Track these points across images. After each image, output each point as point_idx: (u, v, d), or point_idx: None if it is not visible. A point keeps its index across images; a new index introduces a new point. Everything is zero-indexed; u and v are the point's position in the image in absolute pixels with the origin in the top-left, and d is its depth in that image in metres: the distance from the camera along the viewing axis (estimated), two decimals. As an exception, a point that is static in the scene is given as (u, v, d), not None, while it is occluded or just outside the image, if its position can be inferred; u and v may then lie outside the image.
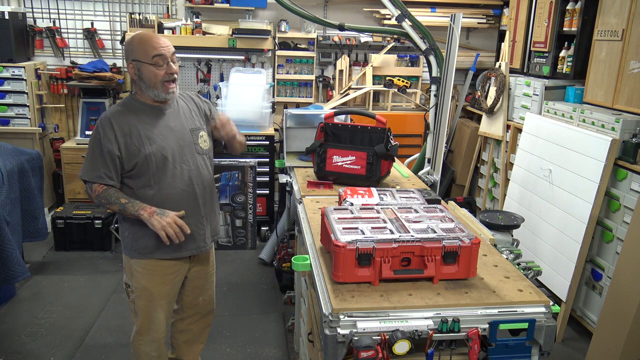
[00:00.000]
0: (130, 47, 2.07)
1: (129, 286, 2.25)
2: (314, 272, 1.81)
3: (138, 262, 2.18)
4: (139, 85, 2.10)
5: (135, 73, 2.07)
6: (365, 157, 2.63)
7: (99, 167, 2.05)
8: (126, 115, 2.09)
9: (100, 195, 2.05)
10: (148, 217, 2.01)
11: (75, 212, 4.18)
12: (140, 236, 2.13)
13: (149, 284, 2.20)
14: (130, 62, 2.06)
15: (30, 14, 4.76)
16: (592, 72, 3.46)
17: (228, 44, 4.60)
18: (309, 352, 2.26)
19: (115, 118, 2.06)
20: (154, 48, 2.03)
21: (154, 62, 2.03)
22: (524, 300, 1.59)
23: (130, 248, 2.18)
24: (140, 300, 2.22)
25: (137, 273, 2.19)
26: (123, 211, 2.05)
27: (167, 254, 2.17)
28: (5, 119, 4.53)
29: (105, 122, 2.05)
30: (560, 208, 3.35)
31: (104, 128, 2.04)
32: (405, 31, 3.84)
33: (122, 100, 2.17)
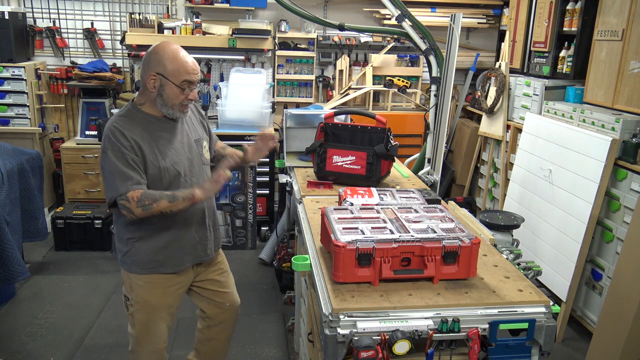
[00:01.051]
0: (158, 59, 1.92)
1: (128, 299, 2.16)
2: (314, 272, 1.81)
3: (138, 276, 2.11)
4: (154, 99, 1.98)
5: (155, 86, 1.94)
6: (365, 157, 2.64)
7: (131, 176, 1.90)
8: (134, 127, 1.95)
9: (142, 198, 1.88)
10: (200, 190, 1.94)
11: (75, 212, 4.18)
12: (141, 251, 2.06)
13: (151, 298, 2.12)
14: (152, 74, 1.92)
15: (30, 14, 4.76)
16: (592, 72, 3.46)
17: (228, 44, 4.60)
18: (309, 352, 2.26)
19: (125, 129, 1.93)
20: (187, 73, 1.94)
21: (181, 85, 1.94)
22: (524, 300, 1.59)
23: (131, 263, 2.09)
24: (140, 313, 2.14)
25: (138, 287, 2.11)
26: (172, 201, 1.91)
27: (168, 268, 2.11)
28: (5, 119, 4.53)
29: (117, 133, 1.91)
30: (560, 208, 3.35)
31: (118, 139, 1.90)
32: (405, 31, 3.84)
33: (124, 111, 2.01)
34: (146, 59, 1.95)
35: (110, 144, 1.90)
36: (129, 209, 1.89)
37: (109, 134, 1.91)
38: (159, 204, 1.90)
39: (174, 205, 1.92)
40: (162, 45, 1.95)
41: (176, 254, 2.11)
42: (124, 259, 2.11)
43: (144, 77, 1.95)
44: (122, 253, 2.11)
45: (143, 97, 2.02)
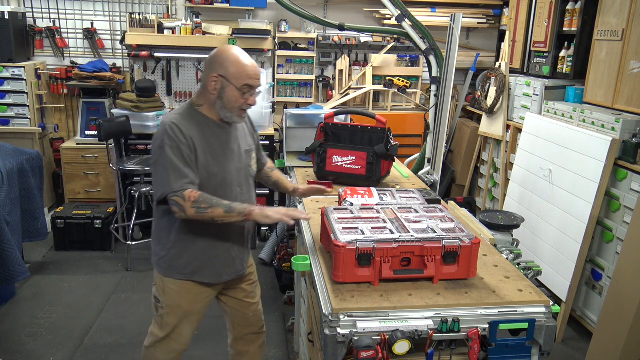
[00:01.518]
0: (221, 61, 1.90)
1: (159, 301, 2.13)
2: (314, 272, 1.81)
3: (172, 280, 2.07)
4: (213, 101, 1.94)
5: (216, 88, 1.91)
6: (365, 157, 2.64)
7: (186, 174, 1.86)
8: (192, 127, 1.92)
9: (199, 200, 1.82)
10: (260, 211, 1.86)
11: (75, 212, 4.18)
12: (180, 256, 2.03)
13: (183, 303, 2.10)
14: (214, 75, 1.90)
15: (30, 14, 4.76)
16: (592, 72, 3.46)
17: (228, 44, 4.60)
18: (309, 352, 2.26)
19: (184, 127, 1.89)
20: (250, 77, 1.91)
21: (242, 89, 1.91)
22: (524, 300, 1.59)
23: (167, 267, 2.06)
24: (170, 317, 2.11)
25: (171, 291, 2.08)
26: (229, 212, 1.85)
27: (206, 278, 2.08)
28: (5, 119, 4.53)
29: (176, 129, 1.87)
30: (560, 208, 3.35)
31: (176, 134, 1.86)
32: (405, 31, 3.84)
33: (182, 110, 1.97)
34: (209, 61, 1.93)
35: (169, 139, 1.86)
36: (182, 207, 1.84)
37: (167, 129, 1.87)
38: (214, 211, 1.84)
39: (228, 216, 1.86)
40: (226, 48, 1.94)
41: (214, 266, 2.08)
42: (161, 262, 2.07)
43: (205, 78, 1.93)
44: (159, 256, 2.07)
45: (202, 99, 1.98)
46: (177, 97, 4.96)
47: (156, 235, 2.09)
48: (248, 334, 2.36)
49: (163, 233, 2.05)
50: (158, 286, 2.12)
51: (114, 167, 4.10)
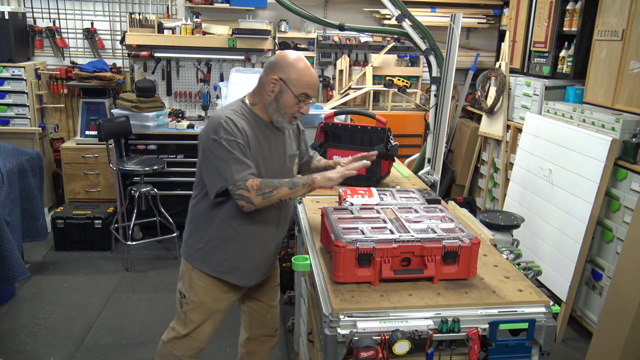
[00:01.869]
0: (285, 65, 1.90)
1: (184, 296, 2.11)
2: (314, 272, 1.81)
3: (202, 275, 2.05)
4: (268, 102, 1.93)
5: (273, 90, 1.91)
6: (365, 157, 2.63)
7: (249, 165, 1.86)
8: (245, 123, 1.91)
9: (261, 186, 1.82)
10: (322, 176, 1.88)
11: (75, 212, 4.18)
12: (216, 252, 2.02)
13: (208, 300, 2.09)
14: (275, 77, 1.89)
15: (30, 14, 4.76)
16: (592, 72, 3.46)
17: (228, 44, 4.60)
18: (309, 352, 2.26)
19: (238, 122, 1.88)
20: (309, 87, 1.91)
21: (299, 97, 1.91)
22: (524, 300, 1.59)
23: (201, 260, 2.04)
24: (194, 313, 2.10)
25: (197, 287, 2.07)
26: (293, 187, 1.86)
27: (237, 279, 2.07)
28: (5, 119, 4.53)
29: (230, 123, 1.86)
30: (560, 208, 3.35)
31: (232, 128, 1.85)
32: (405, 31, 3.84)
33: (236, 107, 1.96)
34: (271, 62, 1.93)
35: (225, 133, 1.84)
36: (247, 198, 1.82)
37: (222, 123, 1.85)
38: (279, 191, 1.84)
39: (294, 192, 1.87)
40: (291, 52, 1.94)
41: (247, 268, 2.07)
42: (195, 254, 2.05)
43: (264, 79, 1.93)
44: (194, 248, 2.05)
45: (257, 98, 1.97)
46: (177, 97, 4.96)
47: (193, 226, 2.06)
48: (262, 336, 2.36)
49: (201, 224, 2.02)
50: (185, 281, 2.10)
51: (114, 167, 4.10)
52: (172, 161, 4.40)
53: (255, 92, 1.99)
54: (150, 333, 3.17)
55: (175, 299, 2.20)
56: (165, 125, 4.48)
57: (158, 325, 3.26)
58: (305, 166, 2.29)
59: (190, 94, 4.97)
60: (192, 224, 2.07)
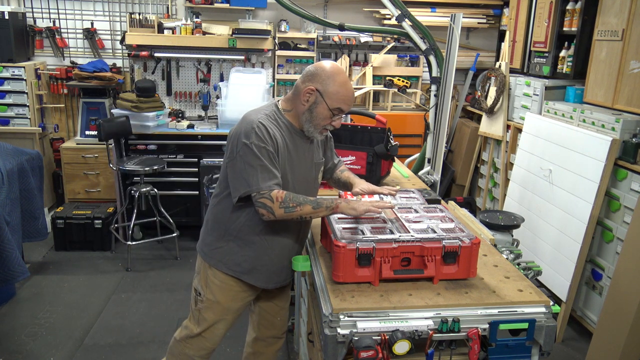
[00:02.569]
0: (324, 77, 1.87)
1: (199, 294, 2.09)
2: (314, 272, 1.81)
3: (219, 274, 2.04)
4: (302, 111, 1.91)
5: (308, 100, 1.88)
6: (365, 157, 2.64)
7: (275, 174, 1.84)
8: (276, 130, 1.89)
9: (285, 199, 1.81)
10: (346, 204, 1.82)
11: (75, 212, 4.18)
12: (236, 252, 2.00)
13: (223, 299, 2.07)
14: (311, 88, 1.86)
15: (30, 14, 4.75)
16: (592, 72, 3.46)
17: (228, 44, 4.60)
18: (309, 352, 2.26)
19: (270, 128, 1.86)
20: (345, 102, 1.89)
21: (333, 110, 1.89)
22: (524, 300, 1.59)
23: (218, 259, 2.02)
24: (209, 312, 2.09)
25: (213, 285, 2.05)
26: (317, 208, 1.83)
27: (255, 281, 2.05)
28: (5, 119, 4.53)
29: (263, 128, 1.84)
30: (560, 208, 3.35)
31: (263, 134, 1.83)
32: (405, 31, 3.84)
33: (269, 111, 1.94)
34: (312, 71, 1.90)
35: (257, 138, 1.82)
36: (270, 208, 1.81)
37: (255, 128, 1.83)
38: (302, 209, 1.82)
39: (316, 212, 1.84)
40: (332, 65, 1.91)
41: (265, 272, 2.05)
42: (212, 253, 2.04)
43: (301, 86, 1.90)
44: (212, 246, 2.04)
45: (291, 105, 1.95)
46: (177, 97, 4.96)
47: (213, 225, 2.04)
48: (269, 337, 2.35)
49: (223, 224, 2.01)
50: (201, 278, 2.09)
51: (114, 167, 4.10)
52: (172, 161, 4.40)
53: (289, 99, 1.97)
54: (150, 333, 3.17)
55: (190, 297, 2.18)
56: (165, 125, 4.48)
57: (158, 325, 3.26)
58: (328, 172, 2.26)
59: (190, 94, 4.97)
60: (212, 222, 2.05)
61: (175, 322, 3.28)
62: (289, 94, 1.98)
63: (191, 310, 2.16)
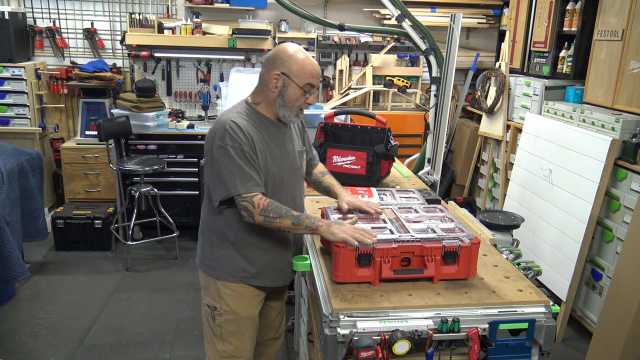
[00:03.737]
0: (285, 58, 1.85)
1: (215, 309, 2.01)
2: (314, 272, 1.81)
3: (228, 284, 1.97)
4: (273, 100, 1.88)
5: (277, 86, 1.85)
6: (365, 157, 2.64)
7: (252, 176, 1.80)
8: (251, 126, 1.85)
9: (267, 208, 1.77)
10: (327, 227, 1.74)
11: (75, 212, 4.18)
12: (238, 258, 1.95)
13: (240, 309, 2.00)
14: (277, 73, 1.84)
15: (30, 14, 4.75)
16: (592, 72, 3.46)
17: (228, 44, 4.60)
18: (309, 352, 2.26)
19: (244, 126, 1.82)
20: (312, 76, 1.87)
21: (304, 87, 1.86)
22: (524, 300, 1.59)
23: (222, 270, 1.96)
24: (230, 324, 2.01)
25: (227, 296, 1.98)
26: (297, 225, 1.79)
27: (260, 281, 2.00)
28: (5, 119, 4.53)
29: (236, 128, 1.80)
30: (560, 208, 3.35)
31: (237, 134, 1.80)
32: (405, 31, 3.84)
33: (239, 108, 1.91)
34: (270, 58, 1.88)
35: (231, 139, 1.79)
36: (250, 212, 1.79)
37: (228, 129, 1.80)
38: (282, 221, 1.79)
39: (295, 228, 1.81)
40: (288, 45, 1.89)
41: (272, 270, 2.02)
42: (214, 265, 1.97)
43: (266, 75, 1.88)
44: (212, 258, 1.97)
45: (260, 97, 1.92)
46: (177, 97, 4.96)
47: (208, 235, 1.99)
48: (268, 339, 2.33)
49: (217, 232, 1.96)
50: (212, 292, 2.01)
51: (114, 167, 4.10)
52: (172, 161, 4.40)
53: (257, 91, 1.94)
54: (150, 333, 3.17)
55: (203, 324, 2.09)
56: (165, 125, 4.49)
57: (158, 325, 3.26)
58: (307, 167, 2.22)
59: (190, 94, 4.97)
60: (208, 233, 1.99)
61: (176, 322, 3.28)
62: (255, 87, 1.94)
63: (211, 332, 2.06)
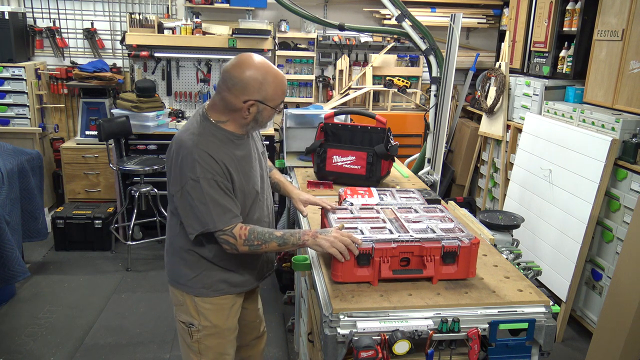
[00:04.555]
0: (256, 85, 1.71)
1: (192, 325, 1.94)
2: (314, 272, 1.81)
3: (208, 299, 1.91)
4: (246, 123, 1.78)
5: (250, 112, 1.74)
6: (365, 157, 2.64)
7: (229, 208, 1.72)
8: (219, 148, 1.74)
9: (249, 237, 1.72)
10: (313, 240, 1.70)
11: (75, 212, 4.18)
12: (214, 274, 1.89)
13: (220, 321, 1.95)
14: (252, 101, 1.72)
15: (30, 14, 4.76)
16: (592, 72, 3.46)
17: (228, 44, 4.60)
18: (309, 352, 2.26)
19: (212, 152, 1.71)
20: (284, 94, 1.79)
21: (277, 107, 1.79)
22: (524, 300, 1.59)
23: (200, 287, 1.89)
24: (210, 339, 1.96)
25: (206, 311, 1.92)
26: (283, 245, 1.74)
27: (238, 288, 1.96)
28: (5, 119, 4.53)
29: (206, 157, 1.69)
30: (560, 208, 3.35)
31: (209, 164, 1.69)
32: (405, 31, 3.84)
33: (202, 129, 1.76)
34: (239, 84, 1.71)
35: (202, 171, 1.68)
36: (233, 245, 1.73)
37: (197, 159, 1.68)
38: (267, 246, 1.74)
39: (282, 248, 1.77)
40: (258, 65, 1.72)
41: (250, 274, 1.98)
42: (191, 284, 1.90)
43: (235, 101, 1.72)
44: (188, 277, 1.90)
45: (225, 117, 1.78)
46: (177, 97, 4.96)
47: (181, 255, 1.90)
48: (252, 340, 2.32)
49: (192, 253, 1.87)
50: (188, 308, 1.94)
51: (114, 167, 4.10)
52: (172, 161, 4.39)
53: (219, 111, 1.78)
54: (150, 333, 3.17)
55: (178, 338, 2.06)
56: (165, 125, 4.49)
57: (158, 325, 3.26)
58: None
59: (190, 94, 4.97)
60: (181, 253, 1.90)
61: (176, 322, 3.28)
62: (217, 105, 1.79)
63: (188, 349, 2.00)
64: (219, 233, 1.73)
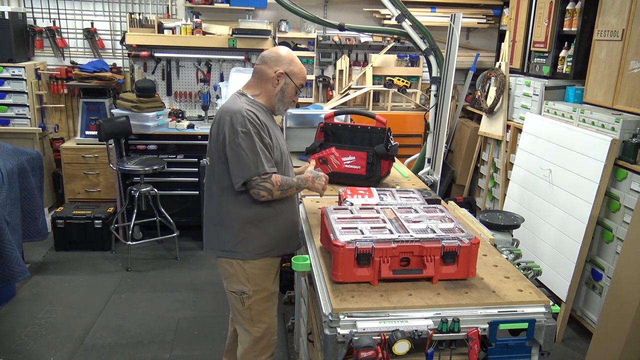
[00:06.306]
0: (288, 60, 2.10)
1: (243, 292, 2.14)
2: (314, 272, 1.81)
3: (256, 263, 2.12)
4: (274, 93, 2.11)
5: (279, 82, 2.09)
6: (365, 157, 2.64)
7: (270, 157, 2.03)
8: (259, 112, 2.06)
9: (283, 184, 2.04)
10: (312, 183, 2.15)
11: (75, 212, 4.18)
12: (258, 236, 2.10)
13: (268, 284, 2.17)
14: (281, 71, 2.08)
15: (30, 14, 4.76)
16: (592, 72, 3.46)
17: (228, 44, 4.60)
18: (309, 352, 2.26)
19: (255, 113, 2.02)
20: (304, 79, 2.16)
21: (299, 87, 2.14)
22: (524, 300, 1.59)
23: (245, 251, 2.10)
24: (259, 304, 2.15)
25: (255, 275, 2.13)
26: (298, 188, 2.13)
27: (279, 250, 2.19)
28: (5, 119, 4.53)
29: (253, 115, 2.00)
30: (560, 208, 3.35)
31: (256, 121, 2.00)
32: (405, 31, 3.84)
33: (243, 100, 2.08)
34: (274, 57, 2.10)
35: (252, 125, 1.98)
36: (270, 190, 2.01)
37: (247, 116, 1.98)
38: (291, 190, 2.09)
39: (297, 191, 2.15)
40: (286, 49, 2.16)
41: (286, 237, 2.19)
42: (238, 248, 2.10)
43: (269, 71, 2.09)
44: (235, 242, 2.10)
45: (258, 89, 2.13)
46: (177, 97, 4.96)
47: (227, 222, 2.11)
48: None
49: (237, 216, 2.08)
50: (239, 277, 2.13)
51: (114, 167, 4.10)
52: (172, 161, 4.40)
53: (253, 85, 2.14)
54: (150, 333, 3.17)
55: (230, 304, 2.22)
56: (165, 125, 4.49)
57: (158, 325, 3.26)
58: None
59: (190, 94, 4.97)
60: (228, 221, 2.10)
61: (176, 322, 3.28)
62: (250, 82, 2.15)
63: (241, 317, 2.18)
64: (262, 178, 1.99)
